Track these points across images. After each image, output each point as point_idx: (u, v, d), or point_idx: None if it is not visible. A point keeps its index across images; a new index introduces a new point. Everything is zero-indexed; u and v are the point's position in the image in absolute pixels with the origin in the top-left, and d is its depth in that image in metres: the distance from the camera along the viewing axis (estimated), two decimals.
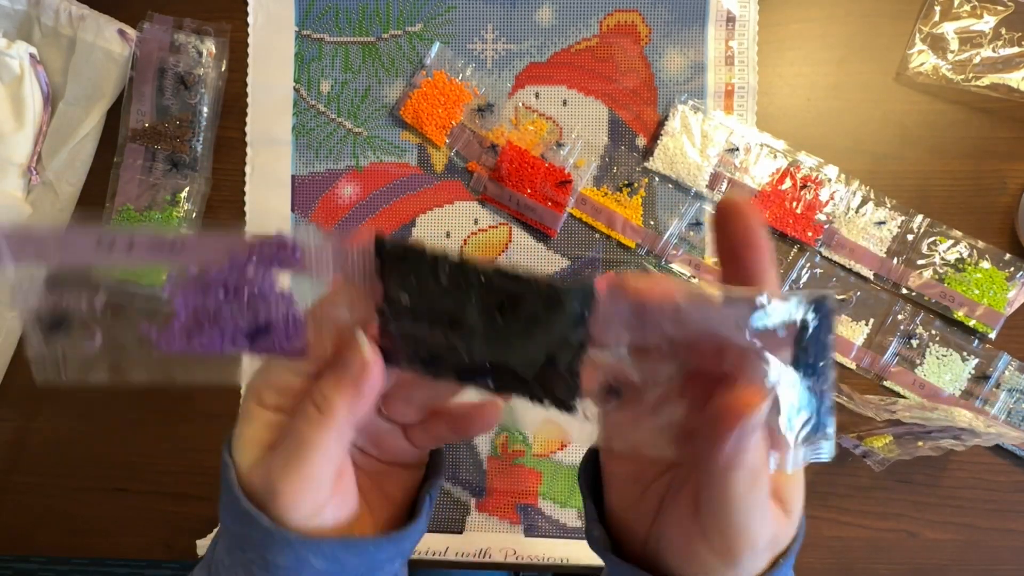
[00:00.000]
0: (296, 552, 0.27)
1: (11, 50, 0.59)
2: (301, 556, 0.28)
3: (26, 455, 0.63)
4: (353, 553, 0.29)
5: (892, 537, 0.60)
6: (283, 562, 0.28)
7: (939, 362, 0.60)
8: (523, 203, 0.61)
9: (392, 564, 0.31)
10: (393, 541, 0.30)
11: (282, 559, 0.28)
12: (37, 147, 0.61)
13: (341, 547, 0.28)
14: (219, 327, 0.27)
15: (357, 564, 0.29)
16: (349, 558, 0.29)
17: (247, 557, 0.28)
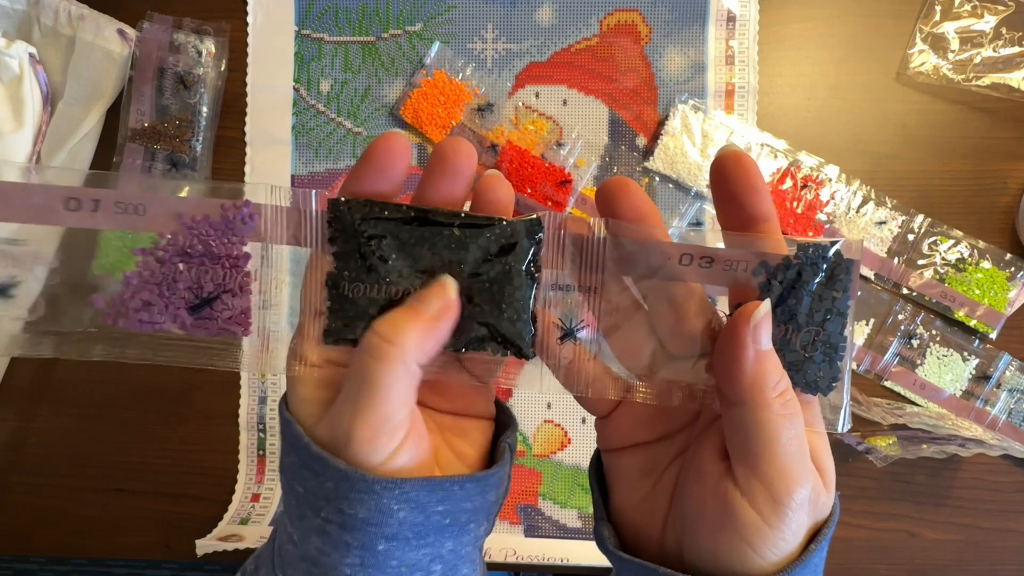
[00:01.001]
0: (377, 499, 0.25)
1: (10, 50, 0.59)
2: (383, 504, 0.25)
3: (26, 455, 0.63)
4: (437, 497, 0.27)
5: (892, 537, 0.60)
6: (363, 513, 0.25)
7: (940, 362, 0.60)
8: (523, 203, 0.61)
9: (477, 524, 0.29)
10: (478, 482, 0.28)
11: (362, 509, 0.25)
12: (37, 147, 0.61)
13: (425, 488, 0.26)
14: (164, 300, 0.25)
15: (441, 514, 0.27)
16: (431, 502, 0.27)
17: (321, 518, 0.26)
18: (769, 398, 0.24)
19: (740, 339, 0.24)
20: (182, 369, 0.62)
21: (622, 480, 0.30)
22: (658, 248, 0.26)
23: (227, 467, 0.62)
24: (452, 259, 0.26)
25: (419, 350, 0.25)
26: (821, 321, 0.25)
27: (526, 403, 0.61)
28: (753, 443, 0.24)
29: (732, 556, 0.25)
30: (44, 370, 0.63)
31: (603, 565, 0.60)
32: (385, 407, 0.25)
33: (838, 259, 0.25)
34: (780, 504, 0.24)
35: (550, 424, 0.61)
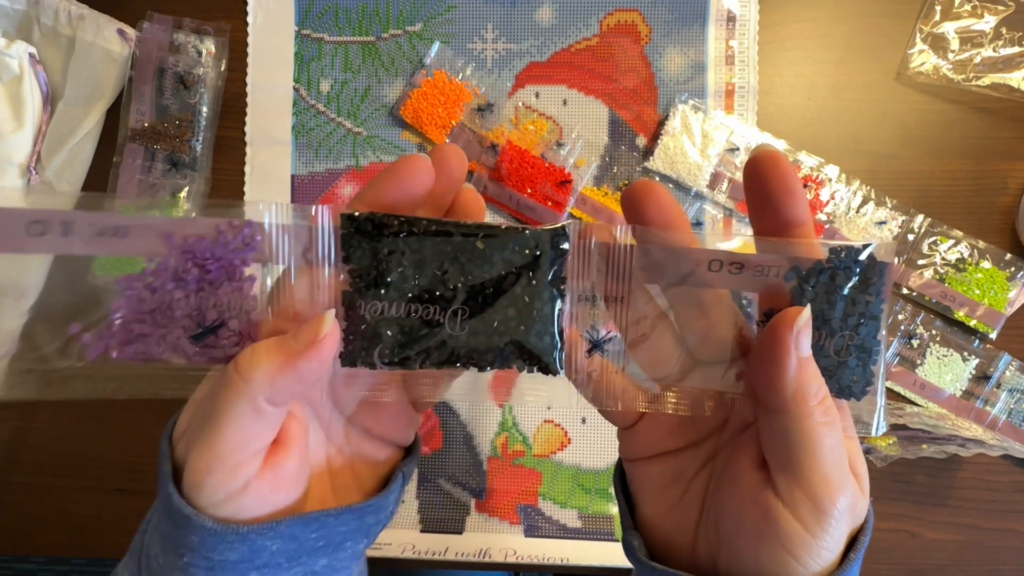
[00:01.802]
0: (251, 543, 0.25)
1: (10, 50, 0.59)
2: (256, 545, 0.25)
3: (26, 455, 0.63)
4: (312, 528, 0.26)
5: (893, 537, 0.60)
6: (235, 556, 0.25)
7: (940, 362, 0.60)
8: (523, 203, 0.61)
9: (355, 542, 0.29)
10: (354, 512, 0.27)
11: (233, 554, 0.25)
12: (36, 147, 0.61)
13: (299, 524, 0.26)
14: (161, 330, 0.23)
15: (315, 539, 0.27)
16: (305, 533, 0.26)
17: (184, 561, 0.25)
18: (811, 406, 0.24)
19: (783, 346, 0.24)
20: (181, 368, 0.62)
21: (649, 489, 0.30)
22: (687, 255, 0.25)
23: None
24: (475, 273, 0.25)
25: (271, 387, 0.23)
26: (855, 325, 0.25)
27: (526, 403, 0.61)
28: (795, 452, 0.24)
29: (774, 565, 0.25)
30: None
31: (603, 565, 0.60)
32: (220, 443, 0.23)
33: (871, 262, 0.25)
34: (823, 513, 0.24)
35: (550, 424, 0.61)
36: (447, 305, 0.25)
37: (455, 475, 0.61)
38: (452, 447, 0.61)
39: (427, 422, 0.62)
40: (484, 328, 0.25)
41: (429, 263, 0.24)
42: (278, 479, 0.26)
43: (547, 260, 0.25)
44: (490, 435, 0.61)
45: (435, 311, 0.25)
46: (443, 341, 0.25)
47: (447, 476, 0.61)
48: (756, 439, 0.26)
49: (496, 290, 0.25)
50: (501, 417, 0.61)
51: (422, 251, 0.24)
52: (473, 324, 0.25)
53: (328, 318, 0.24)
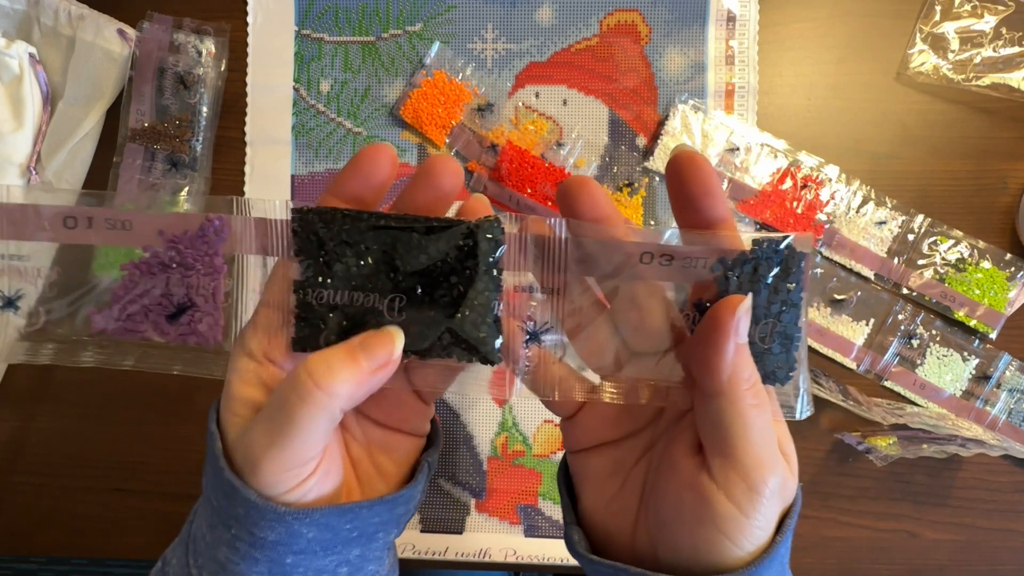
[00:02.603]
0: (287, 525, 0.26)
1: (10, 50, 0.59)
2: (292, 529, 0.26)
3: (26, 455, 0.63)
4: (347, 519, 0.27)
5: (893, 537, 0.60)
6: (272, 536, 0.26)
7: (940, 362, 0.60)
8: (523, 203, 0.61)
9: (386, 532, 0.30)
10: (386, 504, 0.29)
11: (271, 533, 0.26)
12: (37, 147, 0.61)
13: (335, 514, 0.27)
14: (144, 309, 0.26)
15: (349, 530, 0.28)
16: (340, 523, 0.27)
17: (232, 534, 0.27)
18: (744, 390, 0.25)
19: (724, 331, 0.24)
20: None
21: (590, 482, 0.31)
22: (620, 247, 0.26)
23: None
24: (413, 263, 0.26)
25: (348, 399, 0.25)
26: (777, 313, 0.26)
27: (526, 403, 0.62)
28: (729, 434, 0.25)
29: (710, 549, 0.25)
30: (44, 370, 0.63)
31: None
32: (298, 448, 0.25)
33: (791, 252, 0.26)
34: (756, 492, 0.25)
35: (550, 424, 0.61)
36: (387, 294, 0.26)
37: (455, 475, 0.61)
38: (452, 447, 0.61)
39: None
40: (421, 317, 0.26)
41: (370, 254, 0.26)
42: (331, 466, 0.28)
43: (483, 251, 0.26)
44: (490, 435, 0.61)
45: (375, 300, 0.26)
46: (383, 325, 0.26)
47: (447, 476, 0.61)
48: (691, 427, 0.27)
49: (433, 280, 0.26)
50: (501, 417, 0.61)
51: (364, 242, 0.26)
52: (411, 313, 0.26)
53: (399, 337, 0.26)
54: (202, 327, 0.27)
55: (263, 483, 0.26)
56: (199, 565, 0.29)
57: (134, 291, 0.26)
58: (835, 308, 0.60)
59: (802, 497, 0.28)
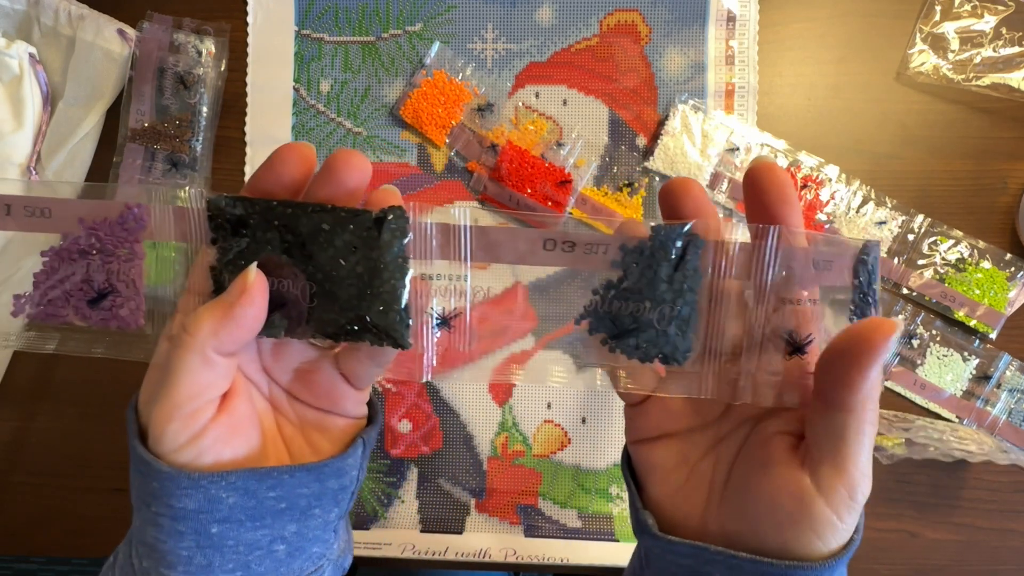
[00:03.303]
0: (204, 490, 0.26)
1: (10, 50, 0.59)
2: (210, 493, 0.27)
3: (26, 455, 0.63)
4: (267, 484, 0.28)
5: (893, 537, 0.60)
6: (192, 504, 0.27)
7: (940, 362, 0.60)
8: (523, 203, 0.61)
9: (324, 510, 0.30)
10: (311, 472, 0.29)
11: (189, 501, 0.26)
12: (36, 147, 0.61)
13: (253, 477, 0.27)
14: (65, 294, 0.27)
15: (275, 499, 0.28)
16: (261, 489, 0.28)
17: (152, 511, 0.27)
18: (871, 411, 0.26)
19: (875, 354, 0.25)
20: None
21: (656, 472, 0.31)
22: (522, 235, 0.27)
23: None
24: (320, 251, 0.27)
25: (216, 339, 0.26)
26: (675, 298, 0.27)
27: (526, 403, 0.62)
28: (846, 448, 0.26)
29: (800, 545, 0.27)
30: (44, 370, 0.63)
31: (603, 565, 0.60)
32: (177, 394, 0.26)
33: (689, 239, 0.27)
34: (854, 501, 0.26)
35: (550, 424, 0.61)
36: (297, 281, 0.27)
37: (455, 475, 0.61)
38: (452, 447, 0.61)
39: (427, 422, 0.62)
40: (330, 304, 0.27)
41: (282, 241, 0.27)
42: (233, 421, 0.28)
43: (387, 240, 0.27)
44: (490, 435, 0.61)
45: (288, 286, 0.27)
46: (298, 313, 0.27)
47: (447, 476, 0.61)
48: (786, 431, 0.28)
49: (342, 267, 0.27)
50: (501, 417, 0.61)
51: (275, 230, 0.27)
52: (321, 299, 0.27)
53: (252, 270, 0.26)
54: (123, 312, 0.28)
55: (154, 436, 0.26)
56: (139, 554, 0.29)
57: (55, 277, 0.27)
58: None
59: None
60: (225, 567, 0.28)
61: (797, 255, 0.27)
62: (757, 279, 0.27)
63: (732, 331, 0.28)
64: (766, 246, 0.27)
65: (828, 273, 0.27)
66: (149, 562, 0.28)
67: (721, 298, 0.28)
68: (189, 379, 0.26)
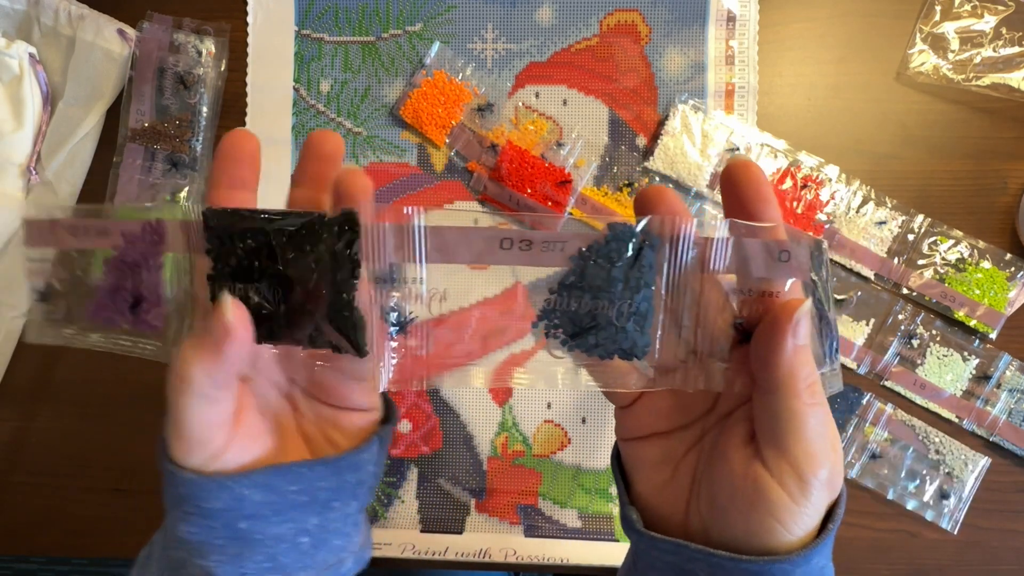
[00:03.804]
0: (230, 491, 0.28)
1: (10, 50, 0.59)
2: (235, 492, 0.28)
3: (26, 455, 0.63)
4: (287, 479, 0.29)
5: (893, 537, 0.60)
6: (219, 504, 0.28)
7: (940, 362, 0.60)
8: (523, 203, 0.61)
9: (342, 503, 0.31)
10: (328, 466, 0.30)
11: (217, 502, 0.28)
12: (36, 147, 0.61)
13: (275, 474, 0.29)
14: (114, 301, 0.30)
15: (296, 492, 0.29)
16: (283, 484, 0.29)
17: (183, 511, 0.29)
18: (800, 388, 0.26)
19: (782, 333, 0.26)
20: None
21: (643, 468, 0.32)
22: (479, 234, 0.27)
23: None
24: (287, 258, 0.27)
25: (209, 378, 0.27)
26: (631, 295, 0.27)
27: (526, 403, 0.62)
28: (783, 428, 0.27)
29: (763, 532, 0.27)
30: (44, 370, 0.63)
31: (603, 565, 0.60)
32: (188, 433, 0.28)
33: (645, 236, 0.27)
34: (805, 483, 0.27)
35: (550, 424, 0.61)
36: (270, 287, 0.28)
37: (455, 475, 0.61)
38: (452, 447, 0.61)
39: (427, 422, 0.62)
40: (295, 309, 0.28)
41: (257, 250, 0.28)
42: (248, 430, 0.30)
43: (343, 245, 0.27)
44: (490, 435, 0.61)
45: (262, 292, 0.28)
46: (269, 319, 0.28)
47: (447, 476, 0.61)
48: (745, 419, 0.29)
49: (303, 274, 0.28)
50: (501, 417, 0.61)
51: (252, 239, 0.28)
52: (288, 305, 0.28)
53: (226, 304, 0.27)
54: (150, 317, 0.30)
55: (179, 460, 0.28)
56: (172, 546, 0.30)
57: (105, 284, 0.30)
58: (835, 308, 0.60)
59: None
60: (255, 559, 0.29)
61: (751, 247, 0.27)
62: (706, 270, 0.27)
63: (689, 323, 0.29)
64: (716, 239, 0.27)
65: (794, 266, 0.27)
66: (184, 553, 0.30)
67: (678, 291, 0.28)
68: (196, 419, 0.27)
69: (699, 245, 0.27)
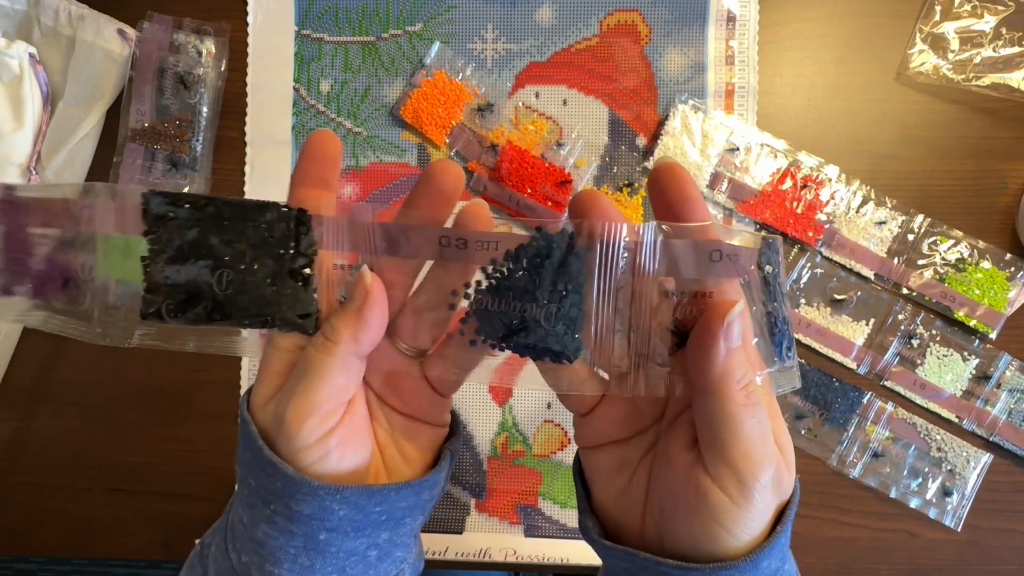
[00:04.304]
0: (319, 499, 0.28)
1: (11, 50, 0.59)
2: (324, 504, 0.28)
3: (26, 455, 0.63)
4: (374, 500, 0.29)
5: (893, 537, 0.60)
6: (307, 510, 0.28)
7: (940, 362, 0.60)
8: (523, 203, 0.61)
9: (413, 518, 0.32)
10: (412, 488, 0.31)
11: (307, 508, 0.28)
12: (37, 147, 0.61)
13: (364, 494, 0.29)
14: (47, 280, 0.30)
15: (379, 512, 0.30)
16: (369, 505, 0.29)
17: (271, 509, 0.29)
18: (734, 390, 0.26)
19: (712, 337, 0.26)
20: (182, 369, 0.62)
21: (601, 476, 0.32)
22: (420, 232, 0.28)
23: (227, 467, 0.62)
24: (237, 241, 0.28)
25: (355, 342, 0.28)
26: (560, 297, 0.27)
27: (526, 403, 0.62)
28: (720, 430, 0.26)
29: (707, 537, 0.27)
30: (44, 370, 0.63)
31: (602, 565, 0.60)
32: (316, 394, 0.28)
33: (572, 240, 0.27)
34: (746, 485, 0.26)
35: (550, 424, 0.61)
36: (216, 268, 0.28)
37: (455, 475, 0.61)
38: None
39: None
40: (243, 291, 0.28)
41: (204, 233, 0.28)
42: (355, 425, 0.30)
43: (293, 232, 0.28)
44: (490, 435, 0.61)
45: (207, 273, 0.28)
46: (214, 300, 0.28)
47: None
48: (688, 423, 0.29)
49: (253, 258, 0.28)
50: (501, 417, 0.61)
51: (198, 222, 0.28)
52: (235, 287, 0.28)
53: (365, 273, 0.28)
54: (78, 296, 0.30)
55: (287, 434, 0.28)
56: (237, 549, 0.31)
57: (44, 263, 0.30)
58: (835, 308, 0.61)
59: (802, 496, 0.28)
60: (325, 570, 0.30)
61: (680, 248, 0.27)
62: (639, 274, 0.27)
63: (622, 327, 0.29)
64: (643, 241, 0.27)
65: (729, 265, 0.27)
66: (254, 557, 0.30)
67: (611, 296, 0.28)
68: (330, 380, 0.28)
69: (630, 249, 0.27)
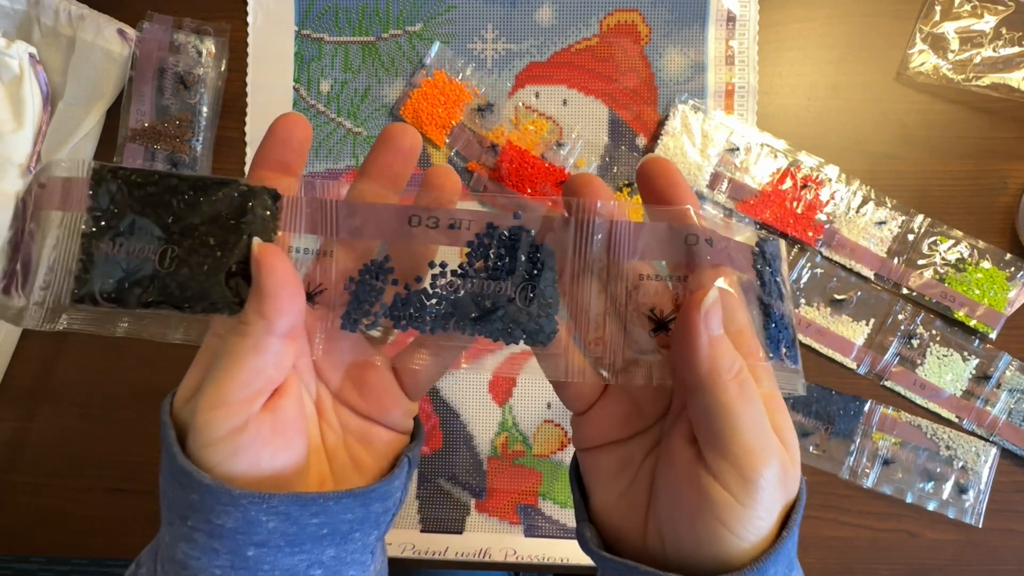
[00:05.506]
0: (242, 509, 0.25)
1: (10, 50, 0.58)
2: (249, 515, 0.25)
3: (26, 455, 0.63)
4: (309, 511, 0.26)
5: (893, 537, 0.60)
6: (230, 523, 0.25)
7: (940, 362, 0.60)
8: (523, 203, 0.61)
9: (364, 533, 0.28)
10: (357, 497, 0.27)
11: (229, 520, 0.25)
12: (37, 147, 0.61)
13: (293, 502, 0.26)
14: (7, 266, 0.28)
15: (317, 525, 0.26)
16: (303, 516, 0.26)
17: (189, 526, 0.26)
18: (726, 380, 0.25)
19: (693, 327, 0.25)
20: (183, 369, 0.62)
21: (600, 479, 0.30)
22: (389, 212, 0.27)
23: None
24: (186, 219, 0.27)
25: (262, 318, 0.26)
26: (531, 280, 0.27)
27: (526, 403, 0.62)
28: (717, 425, 0.25)
29: (711, 539, 0.25)
30: (44, 370, 0.63)
31: None
32: (229, 382, 0.26)
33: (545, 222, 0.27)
34: (749, 482, 0.25)
35: (550, 424, 0.61)
36: (161, 246, 0.27)
37: (455, 475, 0.61)
38: (452, 447, 0.61)
39: (427, 422, 0.62)
40: (190, 271, 0.27)
41: (150, 209, 0.27)
42: (277, 421, 0.27)
43: (256, 212, 0.27)
44: (490, 435, 0.61)
45: (149, 251, 0.27)
46: (156, 280, 0.27)
47: (447, 476, 0.61)
48: (687, 420, 0.27)
49: (203, 236, 0.27)
50: (501, 417, 0.62)
51: (145, 198, 0.27)
52: (182, 266, 0.27)
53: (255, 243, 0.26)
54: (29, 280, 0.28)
55: (196, 430, 0.26)
56: (165, 571, 0.28)
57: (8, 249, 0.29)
58: (835, 308, 0.61)
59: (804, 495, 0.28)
60: None
61: (654, 230, 0.26)
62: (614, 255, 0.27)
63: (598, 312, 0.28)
64: (617, 222, 0.26)
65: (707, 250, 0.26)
66: None
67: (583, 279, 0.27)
68: (242, 365, 0.26)
69: (605, 229, 0.27)
